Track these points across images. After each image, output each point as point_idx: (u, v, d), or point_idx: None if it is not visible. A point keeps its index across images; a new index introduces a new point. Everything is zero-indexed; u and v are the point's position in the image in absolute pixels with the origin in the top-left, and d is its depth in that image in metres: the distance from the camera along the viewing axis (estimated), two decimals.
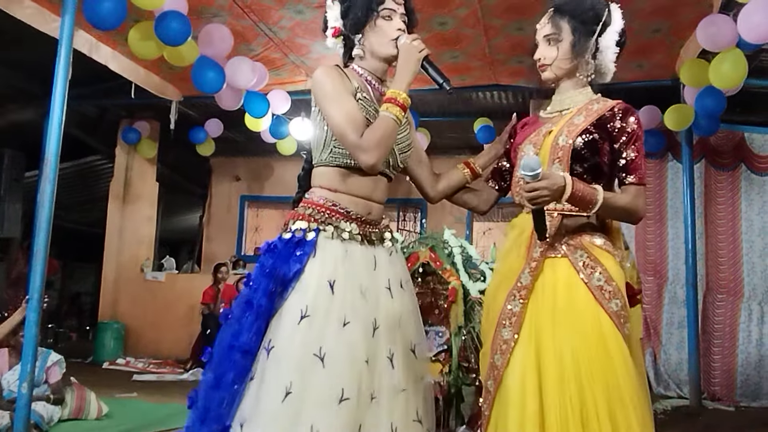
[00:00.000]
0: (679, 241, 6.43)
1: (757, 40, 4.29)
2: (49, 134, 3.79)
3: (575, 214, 2.00)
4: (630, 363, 1.88)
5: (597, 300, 1.90)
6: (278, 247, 1.95)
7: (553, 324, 1.92)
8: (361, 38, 2.07)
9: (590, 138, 2.00)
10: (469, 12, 5.04)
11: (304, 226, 1.96)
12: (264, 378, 1.83)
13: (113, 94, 7.39)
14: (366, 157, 1.90)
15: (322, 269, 1.91)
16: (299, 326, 1.84)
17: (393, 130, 1.95)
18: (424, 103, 7.93)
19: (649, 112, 6.24)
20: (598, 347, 1.87)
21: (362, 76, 2.09)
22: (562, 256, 1.98)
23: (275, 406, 1.78)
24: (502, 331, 1.99)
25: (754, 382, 6.14)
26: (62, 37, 3.87)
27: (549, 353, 1.89)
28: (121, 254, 8.82)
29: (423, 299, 4.72)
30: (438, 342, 4.58)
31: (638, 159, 2.01)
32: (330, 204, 1.99)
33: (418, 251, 4.52)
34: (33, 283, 3.65)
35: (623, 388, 1.84)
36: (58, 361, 4.51)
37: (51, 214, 3.72)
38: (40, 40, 4.79)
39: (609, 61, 2.10)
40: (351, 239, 1.98)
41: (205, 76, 5.29)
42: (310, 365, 1.81)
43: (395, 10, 2.05)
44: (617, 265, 1.97)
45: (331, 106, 1.94)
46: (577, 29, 2.05)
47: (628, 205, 1.98)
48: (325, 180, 2.03)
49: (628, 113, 2.05)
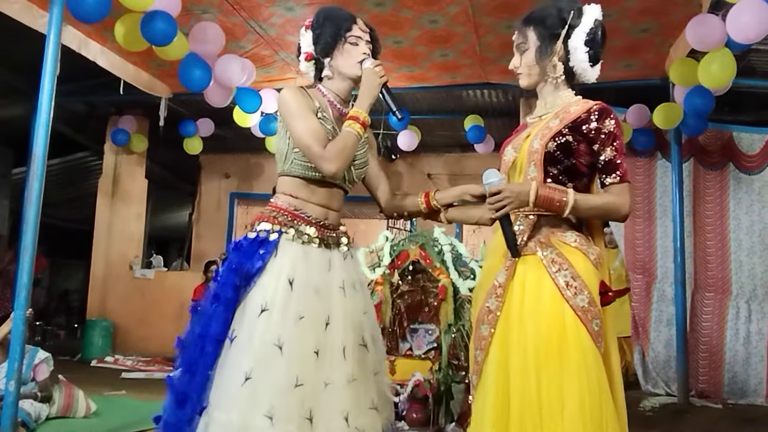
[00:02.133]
0: (668, 240, 6.47)
1: (745, 40, 4.32)
2: (37, 130, 3.76)
3: (551, 213, 2.05)
4: (590, 357, 1.91)
5: (563, 296, 1.95)
6: (243, 246, 2.17)
7: (520, 318, 1.99)
8: (330, 60, 2.30)
9: (563, 141, 2.04)
10: (459, 10, 5.04)
11: (267, 228, 2.19)
12: (225, 365, 2.04)
13: (102, 90, 7.35)
14: (328, 165, 2.12)
15: (282, 267, 2.12)
16: (259, 318, 2.05)
17: (354, 143, 2.17)
18: (415, 100, 7.93)
19: (639, 111, 6.27)
20: (559, 340, 1.92)
21: (326, 96, 2.32)
22: (533, 253, 2.04)
23: (235, 389, 1.98)
24: (481, 327, 2.09)
25: (742, 380, 6.18)
26: (50, 33, 3.85)
27: (515, 346, 1.97)
28: (109, 252, 8.77)
29: (413, 297, 4.73)
30: (428, 340, 4.59)
31: (617, 158, 2.04)
32: (293, 209, 2.23)
33: (408, 249, 4.53)
34: (20, 280, 3.63)
35: (576, 381, 1.88)
36: (46, 358, 4.49)
37: (39, 211, 3.69)
38: (27, 36, 4.76)
39: (581, 61, 2.13)
40: (310, 242, 2.21)
41: (191, 73, 5.26)
42: (269, 354, 2.01)
43: (361, 37, 2.30)
44: (587, 262, 2.01)
45: (296, 122, 2.17)
46: (542, 36, 2.13)
47: (606, 204, 2.03)
48: (288, 188, 2.26)
49: (605, 114, 2.07)
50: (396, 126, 7.85)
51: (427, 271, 4.51)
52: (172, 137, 8.06)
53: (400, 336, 4.69)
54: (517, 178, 2.15)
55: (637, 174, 6.79)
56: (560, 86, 2.17)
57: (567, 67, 2.15)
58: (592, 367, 1.91)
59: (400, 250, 4.53)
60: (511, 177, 2.18)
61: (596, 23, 2.13)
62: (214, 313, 2.09)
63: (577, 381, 1.88)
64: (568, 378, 1.89)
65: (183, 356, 2.12)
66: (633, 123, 6.34)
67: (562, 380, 1.89)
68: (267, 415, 1.96)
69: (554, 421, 1.87)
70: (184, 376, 2.07)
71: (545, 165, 2.05)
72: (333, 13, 2.32)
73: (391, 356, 4.45)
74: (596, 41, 2.13)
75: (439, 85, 6.89)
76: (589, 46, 2.12)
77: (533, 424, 1.89)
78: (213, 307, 2.10)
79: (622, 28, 5.17)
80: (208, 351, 2.05)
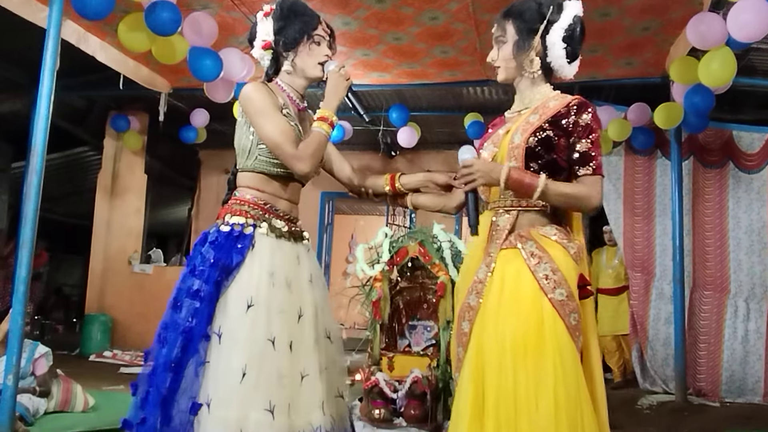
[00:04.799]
0: (667, 238, 6.48)
1: (746, 38, 4.31)
2: (36, 125, 3.76)
3: (530, 208, 2.08)
4: (566, 352, 1.91)
5: (542, 288, 1.96)
6: (219, 240, 2.16)
7: (498, 312, 1.99)
8: (293, 57, 2.29)
9: (544, 136, 2.05)
10: (460, 7, 5.04)
11: (242, 221, 2.19)
12: (220, 361, 2.03)
13: (101, 85, 7.33)
14: (301, 165, 2.15)
15: (261, 262, 2.14)
16: (247, 314, 2.06)
17: (324, 143, 2.22)
18: (415, 97, 7.92)
19: (639, 109, 6.27)
20: (536, 333, 1.92)
21: (285, 92, 2.32)
22: (513, 247, 2.05)
23: (233, 386, 1.99)
24: (462, 324, 2.11)
25: (739, 378, 6.19)
26: (50, 27, 3.83)
27: (491, 341, 1.98)
28: (108, 246, 8.77)
29: (411, 294, 4.73)
30: (426, 336, 4.59)
31: (591, 150, 2.05)
32: (263, 203, 2.24)
33: (407, 246, 4.53)
34: (19, 274, 3.62)
35: (552, 376, 1.88)
36: (45, 353, 4.48)
37: (38, 205, 3.69)
38: (27, 30, 4.75)
39: (558, 57, 2.12)
40: (281, 236, 2.23)
41: (201, 63, 5.22)
42: (263, 348, 2.04)
43: (324, 37, 2.31)
44: (566, 255, 2.01)
45: (263, 120, 2.17)
46: (520, 29, 2.13)
47: (576, 193, 2.03)
48: (253, 182, 2.26)
49: (583, 108, 2.08)
50: (396, 122, 7.84)
51: (426, 267, 4.50)
52: (171, 132, 8.05)
53: (399, 332, 4.69)
54: None
55: (637, 172, 6.80)
56: (537, 81, 2.17)
57: (544, 63, 2.14)
58: (569, 362, 1.91)
59: (399, 247, 4.53)
60: None
61: (575, 19, 2.11)
62: (195, 308, 2.07)
63: (553, 376, 1.88)
64: (543, 373, 1.89)
65: (161, 353, 2.06)
66: (633, 121, 6.34)
67: (537, 375, 1.89)
68: (267, 408, 1.99)
69: (529, 416, 1.87)
70: (166, 374, 2.02)
71: (526, 160, 2.06)
72: (299, 8, 2.30)
73: (389, 353, 4.45)
74: (574, 38, 2.11)
75: (439, 81, 6.89)
76: (567, 43, 2.10)
77: (508, 420, 1.89)
78: (194, 303, 2.08)
79: (622, 26, 5.18)
80: (192, 348, 2.03)
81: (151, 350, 2.11)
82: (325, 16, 5.15)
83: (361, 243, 4.81)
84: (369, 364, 4.44)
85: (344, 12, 5.15)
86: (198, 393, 1.99)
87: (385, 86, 7.16)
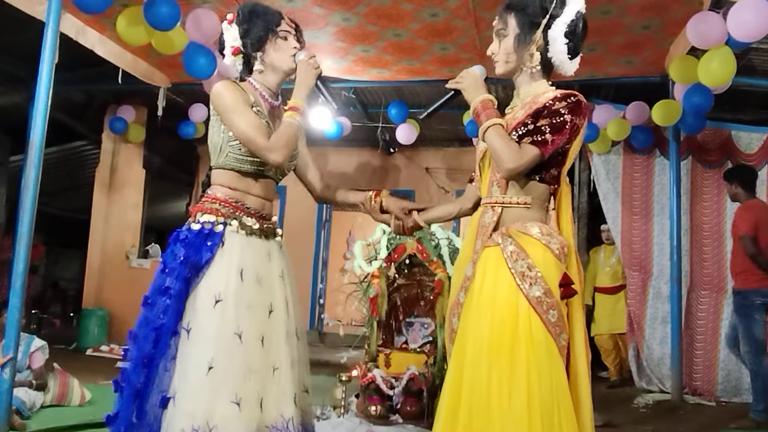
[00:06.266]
0: (665, 237, 6.48)
1: (746, 38, 4.31)
2: (34, 118, 3.76)
3: (513, 205, 2.08)
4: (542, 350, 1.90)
5: (518, 286, 1.96)
6: (189, 238, 2.20)
7: (477, 308, 2.01)
8: (262, 55, 2.34)
9: (524, 130, 2.02)
10: (460, 3, 5.03)
11: (212, 219, 2.23)
12: (186, 356, 2.07)
13: (100, 79, 7.31)
14: (274, 156, 2.18)
15: (230, 258, 2.18)
16: (215, 310, 2.10)
17: (296, 132, 2.25)
18: (414, 94, 7.92)
19: (638, 107, 6.27)
20: (512, 332, 1.92)
21: (257, 90, 2.36)
22: (495, 245, 2.05)
23: (199, 380, 2.03)
24: (452, 320, 2.14)
25: (735, 378, 6.20)
26: (49, 21, 3.83)
27: (470, 338, 2.00)
28: (106, 241, 8.76)
29: (409, 291, 4.74)
30: (423, 333, 4.60)
31: (545, 127, 1.99)
32: (234, 201, 2.28)
33: (405, 243, 4.53)
34: (16, 268, 3.62)
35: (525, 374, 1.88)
36: (42, 347, 4.49)
37: (35, 199, 3.69)
38: (26, 23, 4.73)
39: (560, 53, 2.09)
40: (252, 233, 2.27)
41: (196, 61, 5.23)
42: (230, 343, 2.08)
43: (289, 31, 2.36)
44: (546, 252, 1.99)
45: (235, 116, 2.21)
46: (522, 23, 2.10)
47: (502, 149, 1.98)
48: (225, 180, 2.31)
49: (563, 98, 2.04)
50: (395, 119, 7.84)
51: (423, 264, 4.51)
52: (170, 127, 8.04)
53: (396, 329, 4.70)
54: (487, 168, 2.18)
55: (635, 171, 6.80)
56: (536, 77, 2.14)
57: (545, 58, 2.11)
58: (544, 359, 1.90)
59: (397, 244, 4.53)
60: (482, 167, 2.21)
61: (578, 15, 2.07)
62: (165, 305, 2.11)
63: (526, 374, 1.88)
64: (517, 369, 1.89)
65: (135, 349, 2.13)
66: (632, 120, 6.34)
67: (511, 371, 1.89)
68: (234, 401, 2.04)
69: (501, 414, 1.87)
70: (139, 369, 2.07)
71: None
72: (259, 9, 2.36)
73: (386, 349, 4.45)
74: (576, 33, 2.08)
75: (439, 78, 6.88)
76: (569, 38, 2.07)
77: (480, 418, 1.90)
78: (164, 300, 2.12)
79: (623, 25, 5.17)
80: (163, 343, 2.08)
81: (128, 347, 2.19)
82: (325, 12, 5.21)
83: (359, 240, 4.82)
84: (366, 360, 4.44)
85: (344, 8, 5.15)
86: (168, 387, 2.04)
87: (385, 83, 7.15)
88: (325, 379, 4.92)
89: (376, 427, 4.07)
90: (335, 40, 5.81)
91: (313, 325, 9.80)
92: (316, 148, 9.72)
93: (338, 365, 5.97)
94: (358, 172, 9.90)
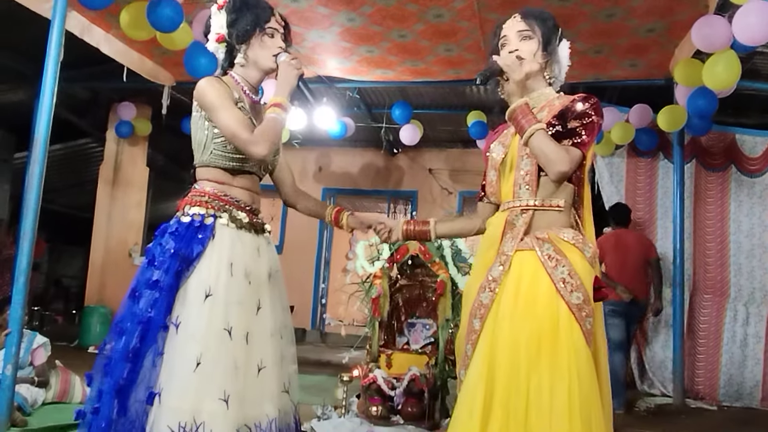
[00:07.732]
0: (668, 241, 6.46)
1: (751, 42, 4.30)
2: (39, 116, 3.76)
3: (547, 208, 2.08)
4: (582, 357, 1.92)
5: (558, 292, 1.96)
6: (179, 230, 2.17)
7: (513, 313, 1.99)
8: (246, 49, 2.30)
9: (554, 131, 2.07)
10: (465, 5, 5.03)
11: (202, 212, 2.19)
12: (174, 351, 2.03)
13: (105, 77, 7.33)
14: (257, 149, 2.13)
15: (221, 253, 2.15)
16: (205, 304, 2.07)
17: (280, 127, 2.21)
18: (418, 95, 7.91)
19: (642, 110, 6.26)
20: (551, 334, 1.92)
21: (240, 84, 2.32)
22: (530, 249, 2.04)
23: (187, 376, 2.00)
24: (474, 321, 2.10)
25: (737, 382, 6.20)
26: (54, 18, 3.84)
27: (505, 341, 1.97)
28: (109, 239, 8.77)
29: (411, 291, 4.73)
30: (425, 334, 4.59)
31: (579, 128, 2.07)
32: (222, 194, 2.24)
33: (407, 243, 4.52)
34: (19, 265, 3.63)
35: (567, 380, 1.88)
36: (44, 343, 4.50)
37: (39, 196, 3.69)
38: (32, 21, 4.74)
39: (563, 69, 2.24)
40: (242, 227, 2.24)
41: (197, 61, 5.24)
42: (219, 338, 2.05)
43: (277, 29, 2.32)
44: (583, 259, 2.01)
45: (219, 112, 2.16)
46: (545, 34, 2.17)
47: (551, 153, 2.02)
48: (210, 175, 2.27)
49: (585, 99, 2.12)
50: (398, 120, 7.84)
51: (426, 265, 4.50)
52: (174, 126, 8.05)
53: (398, 330, 4.69)
54: (508, 174, 2.17)
55: (639, 174, 6.79)
56: (547, 83, 2.22)
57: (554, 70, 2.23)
58: (584, 366, 1.91)
59: (400, 245, 4.52)
60: (502, 173, 2.21)
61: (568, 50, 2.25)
62: (154, 299, 2.07)
63: (568, 377, 1.88)
64: (558, 374, 1.88)
65: (119, 343, 2.07)
66: (636, 123, 6.32)
67: (552, 376, 1.89)
68: (222, 398, 2.00)
69: (541, 418, 1.86)
70: (122, 363, 2.02)
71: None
72: (252, 1, 2.30)
73: (388, 350, 4.45)
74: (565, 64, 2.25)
75: (443, 80, 6.88)
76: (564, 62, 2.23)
77: (517, 418, 1.89)
78: (153, 294, 2.08)
79: (627, 27, 5.16)
80: (150, 338, 2.03)
81: (107, 341, 2.13)
82: (330, 13, 5.21)
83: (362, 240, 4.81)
84: (367, 361, 4.44)
85: (349, 8, 5.15)
86: (155, 383, 2.00)
87: (389, 83, 7.15)
88: (326, 379, 4.92)
89: (377, 427, 4.07)
90: (340, 40, 5.81)
91: (315, 324, 9.80)
92: (320, 148, 9.74)
93: (340, 365, 5.96)
94: (362, 173, 9.88)
